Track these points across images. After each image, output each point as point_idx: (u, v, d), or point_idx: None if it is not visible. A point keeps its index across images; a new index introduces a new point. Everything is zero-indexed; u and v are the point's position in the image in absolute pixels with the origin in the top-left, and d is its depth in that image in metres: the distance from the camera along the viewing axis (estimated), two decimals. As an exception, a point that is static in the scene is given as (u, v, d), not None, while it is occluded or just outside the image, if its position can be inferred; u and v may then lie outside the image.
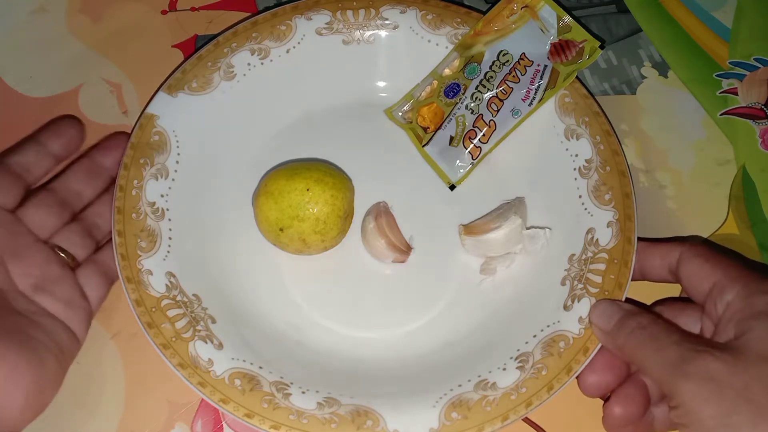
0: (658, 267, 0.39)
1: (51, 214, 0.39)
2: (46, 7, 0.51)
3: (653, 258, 0.39)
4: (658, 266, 0.39)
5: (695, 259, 0.37)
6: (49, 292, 0.37)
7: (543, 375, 0.36)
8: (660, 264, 0.39)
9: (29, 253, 0.38)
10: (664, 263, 0.38)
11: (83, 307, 0.38)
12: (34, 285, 0.37)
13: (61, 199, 0.40)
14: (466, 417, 0.35)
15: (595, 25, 0.53)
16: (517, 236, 0.41)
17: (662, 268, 0.39)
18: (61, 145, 0.41)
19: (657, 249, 0.39)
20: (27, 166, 0.40)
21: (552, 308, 0.39)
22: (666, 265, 0.38)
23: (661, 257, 0.38)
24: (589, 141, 0.43)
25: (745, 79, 0.50)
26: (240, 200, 0.43)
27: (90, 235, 0.41)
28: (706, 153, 0.48)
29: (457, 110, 0.45)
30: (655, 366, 0.33)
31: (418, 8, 0.47)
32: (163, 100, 0.43)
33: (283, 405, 0.35)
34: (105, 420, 0.38)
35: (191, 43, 0.50)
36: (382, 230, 0.42)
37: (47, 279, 0.37)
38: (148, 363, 0.39)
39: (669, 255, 0.38)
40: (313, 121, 0.47)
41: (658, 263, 0.39)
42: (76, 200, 0.41)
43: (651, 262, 0.39)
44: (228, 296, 0.40)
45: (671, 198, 0.46)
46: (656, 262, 0.39)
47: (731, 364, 0.31)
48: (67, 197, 0.41)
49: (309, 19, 0.46)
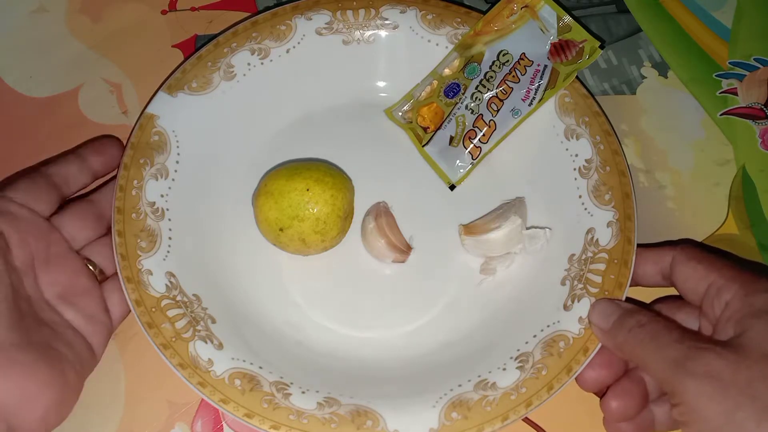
0: (651, 273, 0.39)
1: (86, 226, 0.40)
2: (46, 7, 0.51)
3: (645, 264, 0.39)
4: (651, 272, 0.39)
5: (689, 262, 0.37)
6: (74, 304, 0.37)
7: (543, 375, 0.36)
8: (653, 270, 0.39)
9: (60, 262, 0.38)
10: (657, 268, 0.38)
11: (104, 323, 0.38)
12: (59, 294, 0.37)
13: (97, 212, 0.40)
14: (466, 417, 0.35)
15: (595, 25, 0.53)
16: (517, 236, 0.41)
17: (656, 274, 0.39)
18: (102, 163, 0.42)
19: (649, 255, 0.39)
20: (67, 178, 0.40)
21: (552, 308, 0.39)
22: (659, 270, 0.38)
23: (654, 263, 0.38)
24: (589, 141, 0.43)
25: (744, 79, 0.50)
26: (240, 200, 0.43)
27: None
28: (706, 153, 0.48)
29: (457, 110, 0.45)
30: (656, 364, 0.33)
31: (418, 8, 0.47)
32: (163, 100, 0.43)
33: (283, 405, 0.35)
34: (105, 420, 0.38)
35: (191, 43, 0.50)
36: (382, 230, 0.42)
37: (74, 290, 0.37)
38: (148, 363, 0.39)
39: (661, 260, 0.38)
40: (313, 121, 0.47)
41: (650, 269, 0.39)
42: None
43: (643, 269, 0.39)
44: (228, 296, 0.40)
45: (671, 198, 0.46)
46: (649, 268, 0.39)
47: (734, 362, 0.31)
48: (105, 211, 0.41)
49: (309, 19, 0.46)
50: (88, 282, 0.38)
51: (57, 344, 0.35)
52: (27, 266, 0.36)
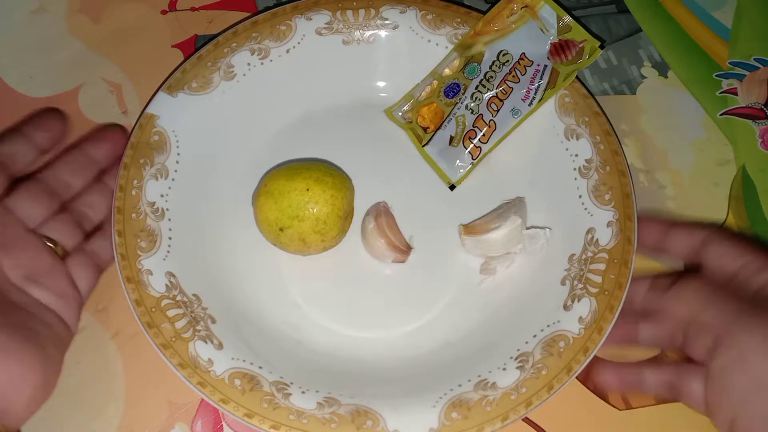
0: (680, 246, 0.40)
1: (39, 204, 0.39)
2: (46, 7, 0.51)
3: (677, 235, 0.40)
4: (681, 245, 0.40)
5: (726, 240, 0.38)
6: (41, 284, 0.37)
7: (543, 375, 0.36)
8: (682, 243, 0.40)
9: (19, 244, 0.37)
10: (688, 242, 0.39)
11: (74, 298, 0.38)
12: (25, 276, 0.37)
13: (49, 189, 0.40)
14: (466, 417, 0.35)
15: (595, 25, 0.53)
16: (517, 236, 0.41)
17: (685, 247, 0.40)
18: (45, 137, 0.41)
19: (682, 228, 0.40)
20: (12, 156, 0.39)
21: (552, 308, 0.39)
22: (689, 244, 0.39)
23: (687, 235, 0.40)
24: (589, 141, 0.43)
25: (744, 79, 0.50)
26: (240, 200, 0.43)
27: (79, 225, 0.40)
28: (706, 153, 0.48)
29: (457, 110, 0.45)
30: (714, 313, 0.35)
31: (418, 8, 0.47)
32: (163, 100, 0.43)
33: (283, 405, 0.35)
34: (105, 420, 0.38)
35: (191, 43, 0.50)
36: (382, 230, 0.42)
37: (38, 270, 0.37)
38: (148, 363, 0.39)
39: (693, 235, 0.39)
40: (313, 121, 0.47)
41: (680, 242, 0.40)
42: (65, 190, 0.40)
43: (674, 240, 0.40)
44: (228, 296, 0.40)
45: (671, 198, 0.46)
46: (679, 241, 0.40)
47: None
48: (56, 187, 0.40)
49: (309, 19, 0.46)
50: (50, 260, 0.38)
51: (33, 324, 0.35)
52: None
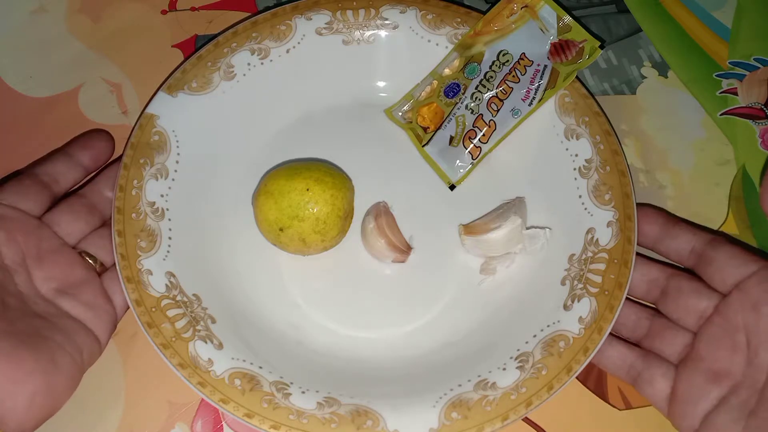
0: (683, 246, 0.39)
1: (78, 219, 0.40)
2: (46, 7, 0.51)
3: (680, 235, 0.40)
4: (684, 246, 0.39)
5: (732, 245, 0.38)
6: (72, 296, 0.37)
7: (543, 375, 0.36)
8: (686, 244, 0.39)
9: (53, 258, 0.38)
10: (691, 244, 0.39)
11: (107, 311, 0.38)
12: (56, 289, 0.37)
13: (90, 205, 0.41)
14: (466, 417, 0.35)
15: (595, 25, 0.53)
16: (517, 236, 0.41)
17: (687, 248, 0.39)
18: (90, 157, 0.42)
19: (686, 228, 0.40)
20: (55, 176, 0.40)
21: (552, 308, 0.39)
22: (692, 247, 0.39)
23: (692, 234, 0.39)
24: (589, 141, 0.43)
25: (745, 79, 0.50)
26: (240, 200, 0.43)
27: None
28: (706, 153, 0.48)
29: (457, 110, 0.45)
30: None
31: (418, 8, 0.47)
32: (163, 100, 0.43)
33: (283, 405, 0.35)
34: (105, 420, 0.38)
35: (191, 43, 0.50)
36: (382, 230, 0.42)
37: (71, 282, 0.38)
38: (148, 363, 0.39)
39: (697, 237, 0.39)
40: (313, 121, 0.47)
41: (684, 242, 0.39)
42: (107, 206, 0.41)
43: (677, 240, 0.40)
44: (228, 296, 0.40)
45: (671, 198, 0.46)
46: (682, 241, 0.39)
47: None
48: (98, 203, 0.41)
49: (309, 19, 0.46)
50: (84, 273, 0.38)
51: (50, 333, 0.35)
52: (17, 264, 0.37)
